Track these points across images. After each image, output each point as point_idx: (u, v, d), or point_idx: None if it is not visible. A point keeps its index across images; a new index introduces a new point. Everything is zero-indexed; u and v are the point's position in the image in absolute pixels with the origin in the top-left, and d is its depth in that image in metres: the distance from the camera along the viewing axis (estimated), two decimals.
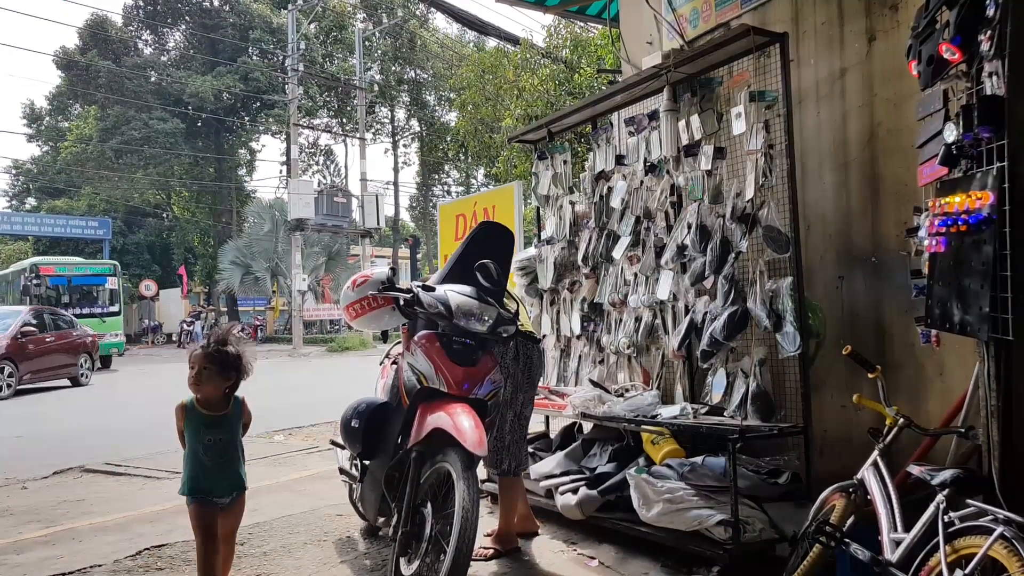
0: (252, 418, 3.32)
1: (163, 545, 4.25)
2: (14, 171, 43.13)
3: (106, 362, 19.73)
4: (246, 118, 39.90)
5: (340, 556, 4.00)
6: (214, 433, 3.14)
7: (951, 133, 2.62)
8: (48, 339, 15.13)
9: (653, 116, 4.50)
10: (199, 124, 38.89)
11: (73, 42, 41.08)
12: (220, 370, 3.11)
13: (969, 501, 2.41)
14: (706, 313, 4.01)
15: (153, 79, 38.51)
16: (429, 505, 3.27)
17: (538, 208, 5.77)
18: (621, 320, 4.83)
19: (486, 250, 3.81)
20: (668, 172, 4.41)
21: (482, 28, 16.63)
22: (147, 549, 4.18)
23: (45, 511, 5.18)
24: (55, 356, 15.15)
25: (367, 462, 3.92)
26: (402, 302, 3.53)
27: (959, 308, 2.60)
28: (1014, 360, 2.55)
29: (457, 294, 3.53)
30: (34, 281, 20.95)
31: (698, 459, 3.95)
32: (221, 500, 3.19)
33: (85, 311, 20.71)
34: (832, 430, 3.92)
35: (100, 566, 3.96)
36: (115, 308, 22.01)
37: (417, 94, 39.82)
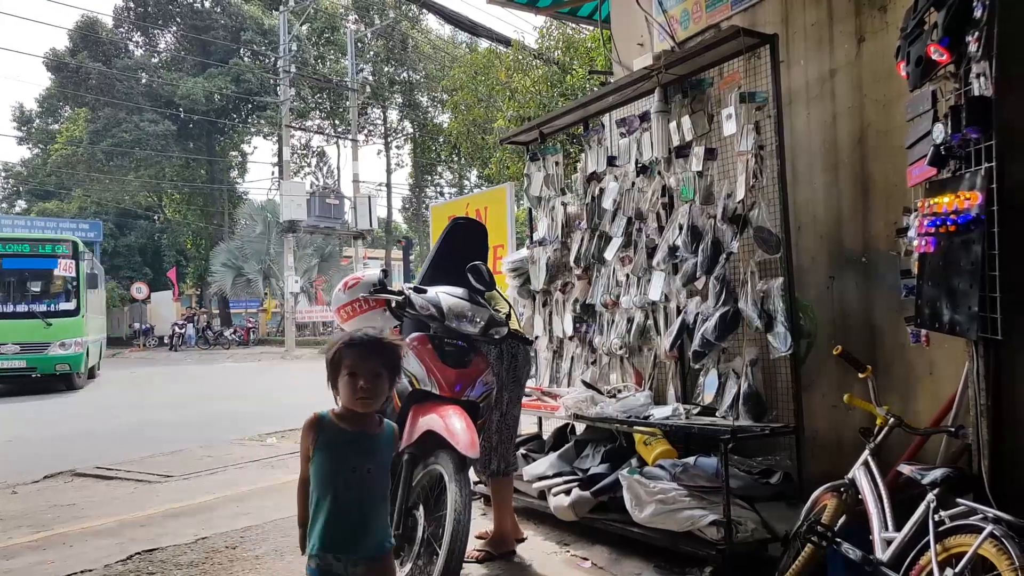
0: None
1: (154, 549, 4.23)
2: (4, 174, 42.96)
3: (68, 382, 14.69)
4: (238, 120, 39.80)
5: None
6: (363, 460, 2.25)
7: (940, 134, 2.64)
8: None
9: (644, 117, 4.50)
10: (190, 126, 38.76)
11: (63, 44, 40.87)
12: (391, 374, 2.31)
13: (959, 500, 2.42)
14: (698, 314, 4.02)
15: (144, 81, 38.36)
16: (421, 507, 3.26)
17: (530, 209, 5.77)
18: (613, 321, 4.83)
19: (462, 247, 3.84)
20: (659, 173, 4.41)
21: (473, 29, 16.61)
22: (138, 553, 4.16)
23: (35, 515, 5.15)
24: None
25: None
26: (394, 304, 3.52)
27: (948, 308, 2.61)
28: (1003, 359, 2.57)
29: (449, 296, 3.53)
30: None
31: (690, 459, 3.95)
32: (355, 569, 2.21)
33: (21, 308, 14.39)
34: (823, 430, 3.93)
35: (91, 571, 3.93)
36: (71, 305, 14.83)
37: (409, 95, 39.79)
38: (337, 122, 39.63)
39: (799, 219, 4.04)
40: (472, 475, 3.88)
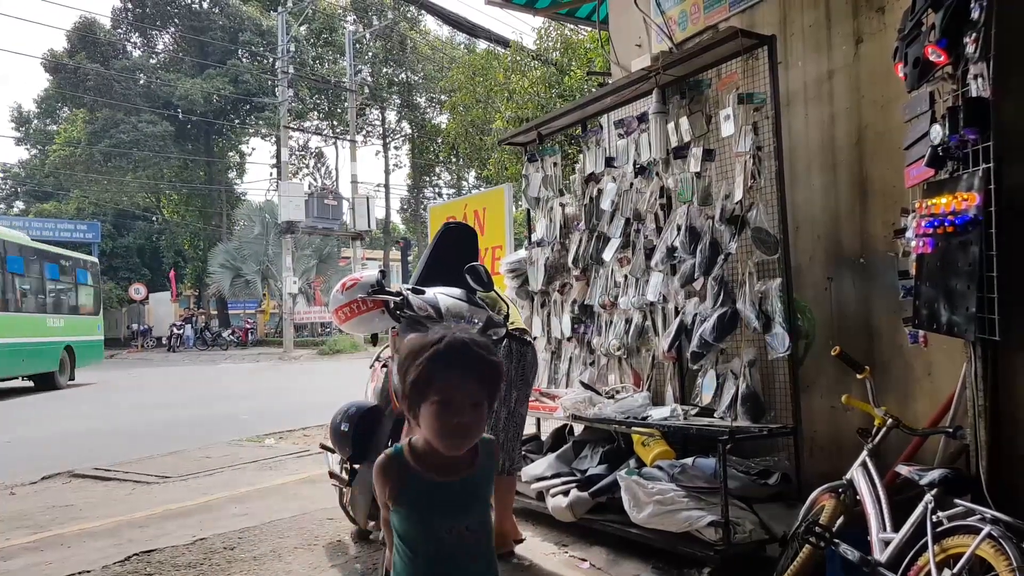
0: None
1: (152, 551, 4.22)
2: (2, 174, 42.92)
3: None
4: (236, 121, 39.79)
5: (331, 560, 3.99)
6: (458, 517, 1.67)
7: (937, 135, 2.64)
8: None
9: (642, 118, 4.51)
10: (189, 127, 38.76)
11: (61, 45, 40.92)
12: (492, 402, 1.67)
13: (957, 501, 2.42)
14: (696, 315, 4.02)
15: (142, 82, 38.36)
16: None
17: (528, 210, 5.78)
18: (611, 322, 4.83)
19: (454, 250, 3.86)
20: (657, 174, 4.42)
21: (471, 30, 16.67)
22: (136, 555, 4.15)
23: (33, 516, 5.14)
24: None
25: (357, 466, 3.91)
26: (392, 305, 3.52)
27: (946, 309, 2.61)
28: (1001, 360, 2.57)
29: (447, 297, 3.53)
30: None
31: (688, 460, 3.95)
32: None
33: None
34: (821, 431, 3.94)
35: (88, 572, 3.93)
36: None
37: (408, 96, 39.81)
38: (335, 123, 39.64)
39: (797, 220, 4.04)
40: None
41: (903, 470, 2.70)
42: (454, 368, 1.60)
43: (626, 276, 4.63)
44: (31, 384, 15.39)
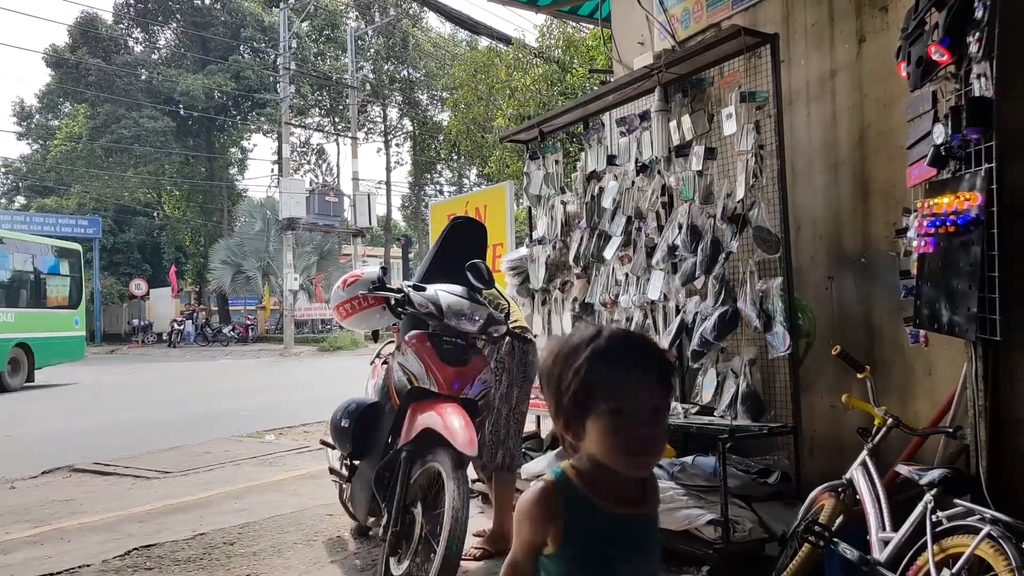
0: None
1: (152, 545, 4.23)
2: (3, 169, 42.92)
3: None
4: (237, 117, 39.78)
5: (330, 556, 3.99)
6: (641, 562, 1.30)
7: (940, 134, 2.64)
8: None
9: (644, 116, 4.50)
10: (190, 123, 38.74)
11: (63, 40, 40.87)
12: (669, 404, 1.31)
13: (957, 501, 2.42)
14: (697, 313, 4.02)
15: (144, 77, 38.35)
16: (419, 505, 3.26)
17: (530, 208, 5.77)
18: (612, 320, 4.83)
19: (462, 246, 3.86)
20: (659, 172, 4.41)
21: (474, 27, 16.64)
22: (136, 549, 4.16)
23: (33, 511, 5.15)
24: None
25: (357, 462, 3.91)
26: (393, 302, 3.52)
27: (947, 308, 2.61)
28: (1002, 361, 2.57)
29: (448, 294, 3.53)
30: None
31: (688, 459, 3.95)
32: None
33: None
34: (821, 430, 3.94)
35: (88, 566, 3.93)
36: None
37: (409, 93, 39.79)
38: (337, 120, 39.65)
39: (798, 219, 4.04)
40: (471, 473, 3.89)
41: (903, 470, 2.70)
42: (626, 367, 1.23)
43: (627, 274, 4.62)
44: None
